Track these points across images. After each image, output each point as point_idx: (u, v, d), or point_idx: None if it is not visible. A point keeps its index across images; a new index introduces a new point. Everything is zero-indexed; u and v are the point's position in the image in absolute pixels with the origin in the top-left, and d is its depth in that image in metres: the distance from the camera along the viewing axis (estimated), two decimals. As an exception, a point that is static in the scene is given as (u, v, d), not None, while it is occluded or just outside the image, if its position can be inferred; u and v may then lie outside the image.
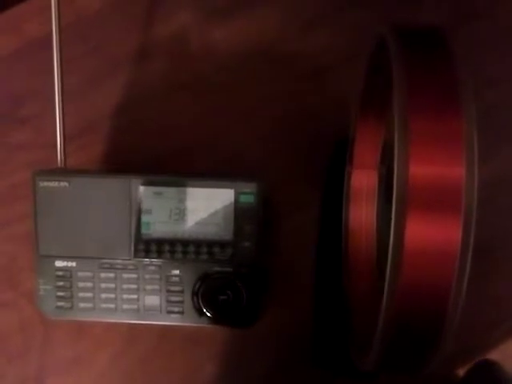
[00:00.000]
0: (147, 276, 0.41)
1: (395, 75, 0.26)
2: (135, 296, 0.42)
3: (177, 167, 0.47)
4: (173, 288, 0.41)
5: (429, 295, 0.25)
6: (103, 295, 0.42)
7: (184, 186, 0.41)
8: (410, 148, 0.24)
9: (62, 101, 0.41)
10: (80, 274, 0.42)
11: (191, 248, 0.41)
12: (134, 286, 0.42)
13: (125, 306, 0.42)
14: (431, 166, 0.25)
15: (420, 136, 0.25)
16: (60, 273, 0.42)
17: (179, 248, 0.41)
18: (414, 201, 0.25)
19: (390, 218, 0.25)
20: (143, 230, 0.41)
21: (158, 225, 0.41)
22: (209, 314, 0.41)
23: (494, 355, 0.44)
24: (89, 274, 0.41)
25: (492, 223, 0.45)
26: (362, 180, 0.44)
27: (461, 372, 0.44)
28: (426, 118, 0.25)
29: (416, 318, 0.26)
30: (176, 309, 0.42)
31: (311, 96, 0.47)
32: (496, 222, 0.46)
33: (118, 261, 0.41)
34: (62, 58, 0.41)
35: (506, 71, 0.47)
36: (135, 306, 0.42)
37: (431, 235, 0.25)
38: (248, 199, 0.41)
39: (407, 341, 0.27)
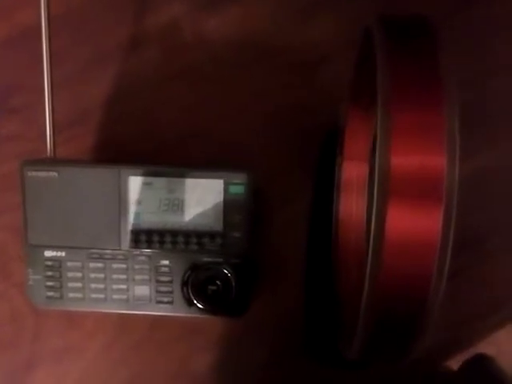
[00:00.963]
0: (137, 266, 0.41)
1: (378, 66, 0.26)
2: (125, 286, 0.42)
3: (168, 158, 0.47)
4: (162, 278, 0.42)
5: (409, 284, 0.26)
6: (93, 285, 0.42)
7: (174, 176, 0.41)
8: (391, 138, 0.24)
9: (52, 91, 0.41)
10: (69, 263, 0.42)
11: (181, 238, 0.41)
12: (123, 276, 0.42)
13: (114, 296, 0.42)
14: (412, 157, 0.25)
15: (402, 126, 0.25)
16: (49, 263, 0.42)
17: (169, 238, 0.41)
18: (395, 191, 0.25)
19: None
20: (133, 221, 0.41)
21: (147, 215, 0.41)
22: (198, 304, 0.41)
23: (488, 349, 0.44)
24: (78, 263, 0.42)
25: (482, 213, 0.45)
26: (353, 171, 0.44)
27: (454, 365, 0.45)
28: (408, 108, 0.25)
29: (397, 307, 0.26)
30: (165, 299, 0.42)
31: (303, 88, 0.47)
32: (487, 212, 0.46)
33: (108, 251, 0.41)
34: (52, 49, 0.41)
35: (503, 61, 0.47)
36: (125, 296, 0.42)
37: (412, 224, 0.25)
38: (238, 190, 0.41)
39: (389, 329, 0.27)
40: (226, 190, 0.41)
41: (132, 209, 0.41)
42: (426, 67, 0.26)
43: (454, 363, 0.45)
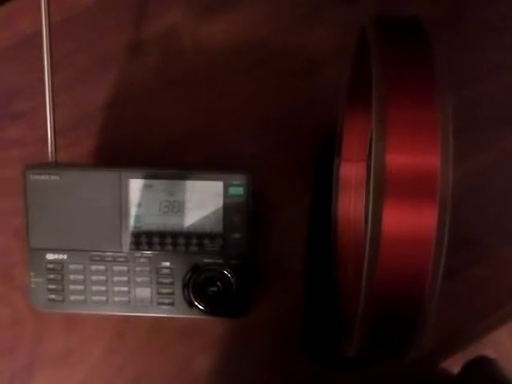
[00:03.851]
0: (138, 268, 0.42)
1: (373, 66, 0.27)
2: (126, 288, 0.42)
3: (168, 162, 0.47)
4: (163, 280, 0.42)
5: (406, 281, 0.26)
6: (94, 288, 0.42)
7: (173, 178, 0.41)
8: (386, 137, 0.25)
9: (53, 95, 0.41)
10: (71, 266, 0.42)
11: (181, 240, 0.41)
12: (124, 279, 0.42)
13: (116, 299, 0.42)
14: (407, 155, 0.25)
15: (397, 125, 0.25)
16: (51, 265, 0.42)
17: (169, 240, 0.41)
18: (390, 188, 0.25)
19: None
20: (133, 223, 0.42)
21: (148, 217, 0.42)
22: (199, 306, 0.42)
23: (488, 350, 0.44)
24: (80, 266, 0.42)
25: (478, 213, 0.46)
26: (351, 172, 0.45)
27: (454, 366, 0.45)
28: (403, 108, 0.26)
29: (395, 304, 0.27)
30: (167, 300, 0.42)
31: (301, 91, 0.48)
32: (483, 212, 0.46)
33: (109, 253, 0.42)
34: (53, 55, 0.41)
35: (498, 61, 0.47)
36: (126, 299, 0.42)
37: (408, 222, 0.25)
38: (237, 191, 0.41)
39: (387, 326, 0.28)
40: (225, 192, 0.41)
41: (133, 211, 0.41)
42: (419, 67, 0.27)
43: (454, 364, 0.45)
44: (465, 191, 0.43)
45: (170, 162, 0.47)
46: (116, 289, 0.42)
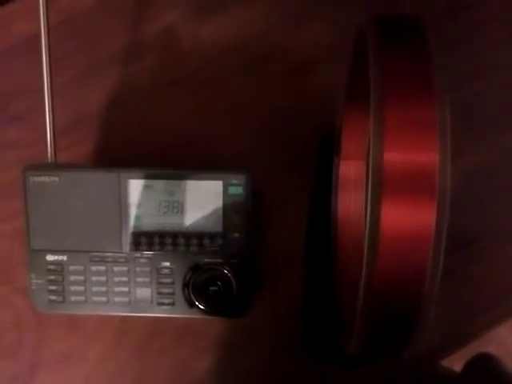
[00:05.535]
0: (138, 268, 0.42)
1: (371, 64, 0.27)
2: (126, 289, 0.42)
3: (167, 162, 0.47)
4: (163, 280, 0.42)
5: (405, 279, 0.26)
6: (94, 288, 0.42)
7: (173, 178, 0.41)
8: (384, 134, 0.25)
9: (52, 97, 0.41)
10: (71, 267, 0.42)
11: (181, 240, 0.42)
12: (124, 279, 0.42)
13: (116, 299, 0.42)
14: (405, 152, 0.25)
15: (394, 123, 0.25)
16: (51, 267, 0.42)
17: (169, 240, 0.41)
18: (388, 186, 0.25)
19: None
20: (133, 223, 0.42)
21: (147, 218, 0.42)
22: (200, 305, 0.42)
23: (490, 347, 0.44)
24: (80, 267, 0.42)
25: (480, 212, 0.46)
26: (350, 170, 0.45)
27: (452, 362, 0.45)
28: (400, 106, 0.26)
29: (394, 301, 0.27)
30: (167, 300, 0.42)
31: (299, 90, 0.48)
32: (484, 211, 0.46)
33: (109, 254, 0.42)
34: (52, 56, 0.41)
35: (495, 60, 0.47)
36: (126, 299, 0.42)
37: (406, 220, 0.25)
38: (236, 191, 0.41)
39: (386, 323, 0.28)
40: (224, 192, 0.41)
41: (132, 212, 0.41)
42: (418, 65, 0.27)
43: (456, 361, 0.45)
44: (462, 190, 0.44)
45: (169, 162, 0.47)
46: (116, 289, 0.42)
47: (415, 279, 0.26)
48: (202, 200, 0.41)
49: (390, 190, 0.25)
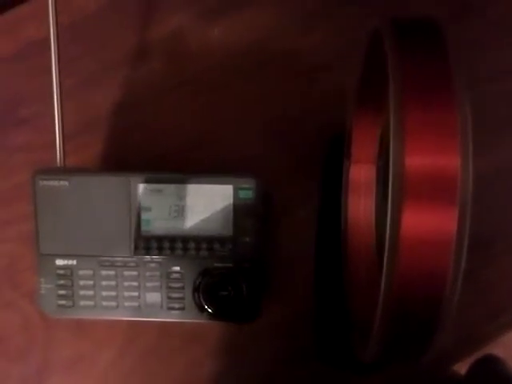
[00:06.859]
0: (148, 273, 0.42)
1: (390, 67, 0.26)
2: (136, 293, 0.42)
3: (176, 166, 0.47)
4: (173, 284, 0.42)
5: (426, 284, 0.26)
6: (104, 293, 0.42)
7: (183, 182, 0.41)
8: (405, 139, 0.25)
9: (61, 100, 0.41)
10: (81, 272, 0.42)
11: (191, 244, 0.41)
12: (134, 283, 0.42)
13: (126, 304, 0.42)
14: (426, 157, 0.25)
15: (415, 127, 0.25)
16: (61, 271, 0.42)
17: (179, 245, 0.41)
18: (409, 191, 0.25)
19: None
20: (143, 228, 0.41)
21: (157, 222, 0.41)
22: (210, 310, 0.41)
23: (497, 350, 0.44)
24: (89, 271, 0.42)
25: (492, 216, 0.46)
26: (360, 174, 0.45)
27: (462, 367, 0.45)
28: (420, 109, 0.26)
29: (413, 307, 0.26)
30: (177, 305, 0.42)
31: (308, 93, 0.47)
32: (496, 215, 0.46)
33: (119, 258, 0.41)
34: (61, 59, 0.41)
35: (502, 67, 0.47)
36: (136, 303, 0.42)
37: (427, 225, 0.25)
38: (247, 195, 0.41)
39: (405, 329, 0.28)
40: (235, 196, 0.41)
41: (142, 216, 0.41)
42: (437, 66, 0.27)
43: (463, 366, 0.45)
44: (474, 193, 0.43)
45: (176, 165, 0.47)
46: (126, 294, 0.42)
47: (436, 284, 0.25)
48: (212, 204, 0.41)
49: (412, 194, 0.25)
